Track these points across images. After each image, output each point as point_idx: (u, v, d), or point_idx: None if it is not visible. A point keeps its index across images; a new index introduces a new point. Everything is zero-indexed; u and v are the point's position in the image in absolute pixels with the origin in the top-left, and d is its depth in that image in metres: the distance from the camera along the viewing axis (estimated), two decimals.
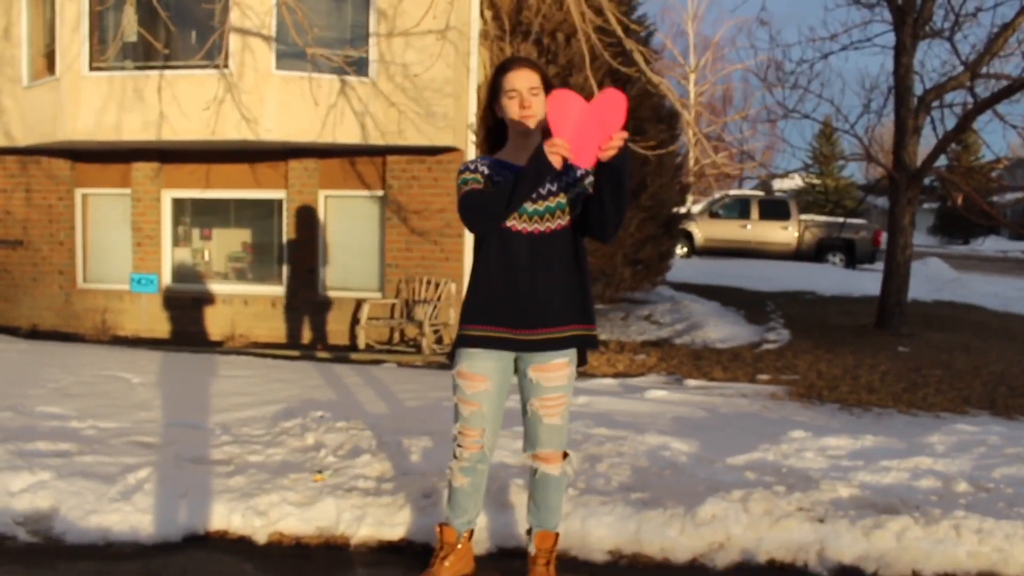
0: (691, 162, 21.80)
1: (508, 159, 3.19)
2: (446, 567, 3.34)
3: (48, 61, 10.48)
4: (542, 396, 3.17)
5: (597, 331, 3.24)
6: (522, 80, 3.09)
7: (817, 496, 4.17)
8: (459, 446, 3.26)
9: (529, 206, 3.10)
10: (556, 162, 2.86)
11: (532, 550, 3.36)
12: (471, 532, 3.42)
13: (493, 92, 3.17)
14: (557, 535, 3.37)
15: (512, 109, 3.10)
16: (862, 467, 4.79)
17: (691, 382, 7.92)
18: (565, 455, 3.30)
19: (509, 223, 3.10)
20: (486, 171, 3.15)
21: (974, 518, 3.89)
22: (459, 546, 3.37)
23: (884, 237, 15.40)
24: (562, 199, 3.13)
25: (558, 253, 3.12)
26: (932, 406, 7.21)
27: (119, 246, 11.19)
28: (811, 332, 10.75)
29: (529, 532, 3.39)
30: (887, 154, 13.97)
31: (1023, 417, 6.97)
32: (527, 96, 3.08)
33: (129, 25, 9.44)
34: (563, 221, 3.11)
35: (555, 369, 3.15)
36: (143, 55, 8.96)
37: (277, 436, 5.21)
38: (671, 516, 3.95)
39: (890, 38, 11.64)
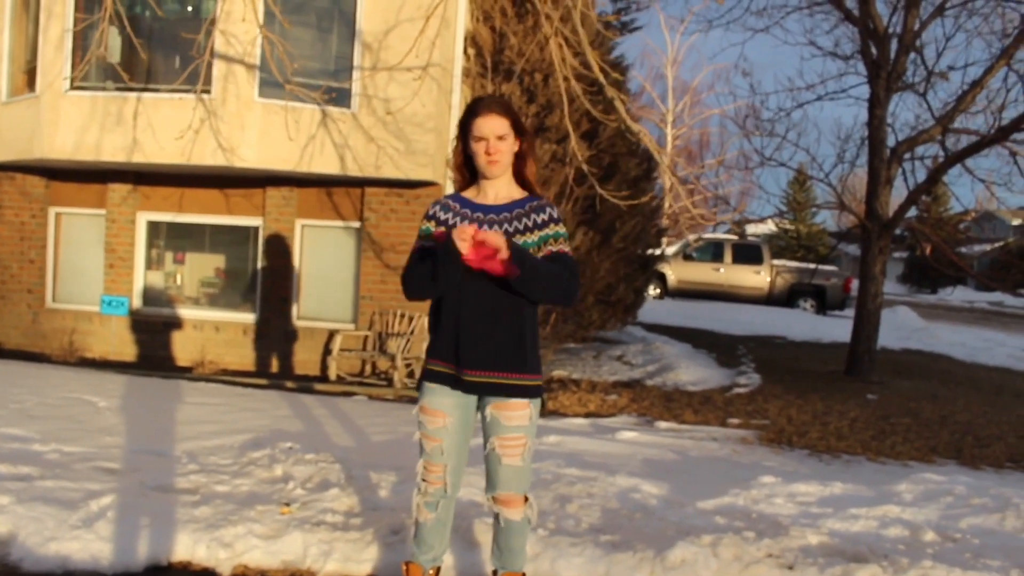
0: (666, 205, 22.02)
1: (474, 197, 3.24)
2: None
3: (28, 78, 10.42)
4: (502, 435, 3.14)
5: (539, 381, 3.18)
6: (490, 127, 3.10)
7: (786, 543, 4.18)
8: (423, 480, 3.26)
9: None
10: (463, 248, 2.96)
11: None
12: (437, 570, 3.39)
13: (463, 131, 3.19)
14: None
15: (479, 155, 3.13)
16: (831, 514, 4.81)
17: (662, 424, 7.93)
18: (526, 499, 3.25)
19: None
20: (447, 217, 3.20)
21: (941, 568, 3.91)
22: None
23: (855, 284, 15.59)
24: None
25: (500, 299, 3.09)
26: (900, 454, 7.26)
27: (91, 267, 11.06)
28: (782, 377, 10.82)
29: (495, 573, 3.36)
30: (859, 203, 14.20)
31: (989, 467, 7.04)
32: (493, 143, 3.11)
33: (111, 47, 9.42)
34: None
35: (515, 408, 3.13)
36: (127, 78, 8.93)
37: (245, 466, 5.15)
38: (640, 559, 3.94)
39: (864, 90, 11.91)
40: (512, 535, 3.26)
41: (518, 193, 3.23)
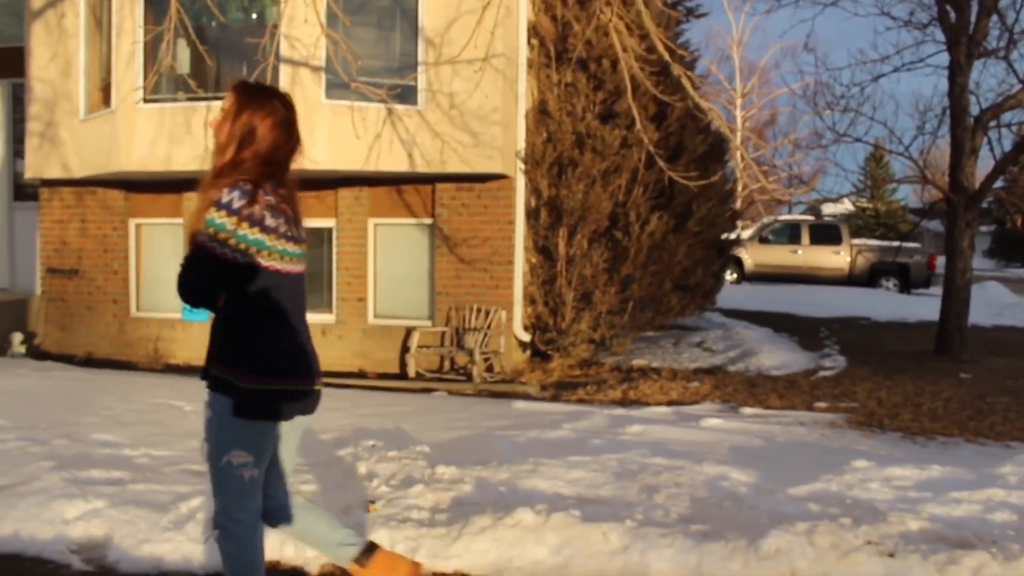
0: (740, 187, 21.62)
1: None
2: None
3: (104, 94, 10.70)
4: None
5: (229, 375, 2.95)
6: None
7: (885, 529, 4.01)
8: None
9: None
10: None
11: None
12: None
13: None
14: None
15: None
16: (931, 499, 4.60)
17: (747, 410, 7.74)
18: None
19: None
20: None
21: None
22: None
23: (940, 261, 15.05)
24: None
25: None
26: (1001, 435, 6.95)
27: (171, 275, 11.19)
28: (868, 358, 10.50)
29: None
30: (942, 176, 13.70)
31: None
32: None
33: (180, 58, 9.59)
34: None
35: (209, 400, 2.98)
36: (195, 87, 9.09)
37: (329, 465, 5.17)
38: (733, 549, 3.82)
39: (944, 58, 11.45)
40: None
41: None
